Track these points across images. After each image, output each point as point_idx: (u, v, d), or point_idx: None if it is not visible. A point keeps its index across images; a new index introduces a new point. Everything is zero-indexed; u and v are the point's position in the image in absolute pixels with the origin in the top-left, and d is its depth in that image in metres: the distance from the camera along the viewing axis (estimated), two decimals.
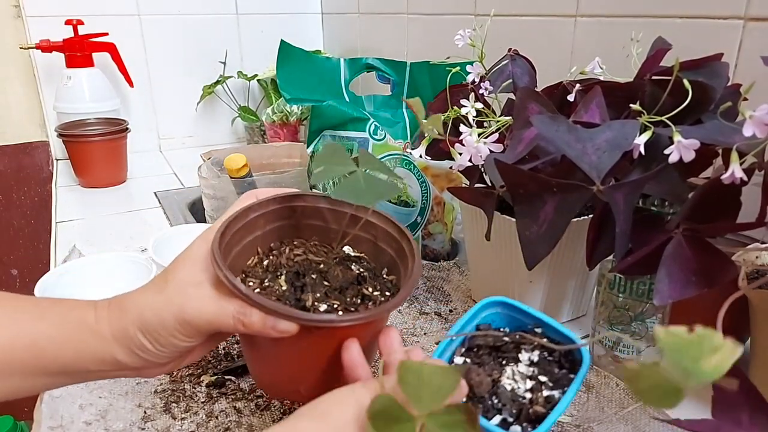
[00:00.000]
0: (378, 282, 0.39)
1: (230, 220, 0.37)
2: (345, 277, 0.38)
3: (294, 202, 0.41)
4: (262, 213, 0.40)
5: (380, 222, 0.41)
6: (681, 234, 0.43)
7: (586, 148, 0.44)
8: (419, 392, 0.27)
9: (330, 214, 0.42)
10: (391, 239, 0.41)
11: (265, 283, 0.37)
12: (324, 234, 0.42)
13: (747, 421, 0.34)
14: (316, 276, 0.37)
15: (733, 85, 0.49)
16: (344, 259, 0.41)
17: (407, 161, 0.82)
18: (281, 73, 0.82)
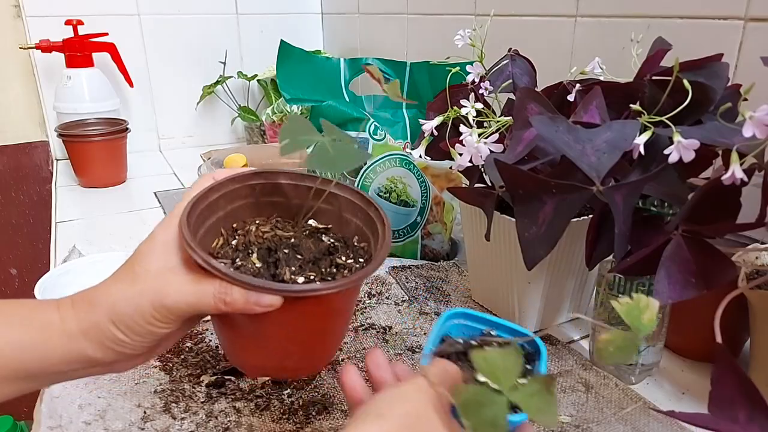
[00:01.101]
0: (350, 250, 0.40)
1: (193, 202, 0.37)
2: (317, 248, 0.38)
3: (253, 180, 0.41)
4: (222, 193, 0.40)
5: (342, 192, 0.41)
6: (680, 235, 0.43)
7: (586, 149, 0.43)
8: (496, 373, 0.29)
9: (291, 190, 0.42)
10: (355, 208, 0.41)
11: (237, 262, 0.36)
12: (285, 210, 0.42)
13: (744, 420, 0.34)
14: (288, 250, 0.37)
15: (733, 85, 0.49)
16: (313, 231, 0.41)
17: (407, 161, 0.82)
18: (281, 73, 0.82)
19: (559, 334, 0.64)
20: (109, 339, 0.35)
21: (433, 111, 0.62)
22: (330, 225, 0.42)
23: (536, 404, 0.29)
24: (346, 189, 0.41)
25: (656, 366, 0.56)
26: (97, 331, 0.35)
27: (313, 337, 0.37)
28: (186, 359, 0.58)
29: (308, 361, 0.37)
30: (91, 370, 0.37)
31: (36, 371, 0.35)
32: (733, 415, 0.33)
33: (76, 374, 0.37)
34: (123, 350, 0.36)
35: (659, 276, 0.43)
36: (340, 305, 0.36)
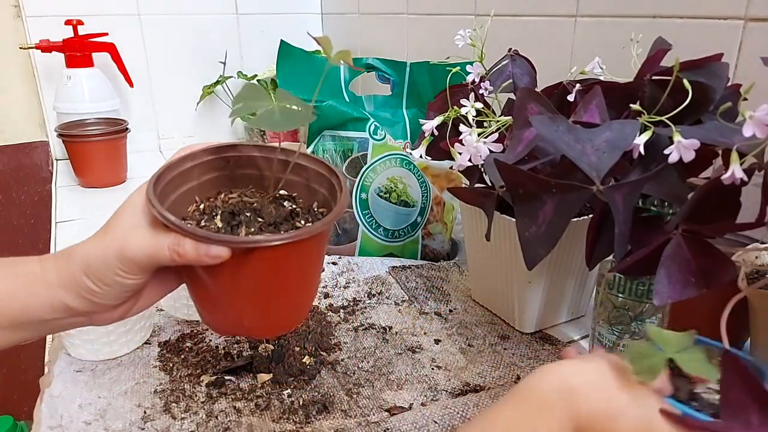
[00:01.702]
0: (311, 215, 0.41)
1: (165, 168, 0.40)
2: (278, 213, 0.40)
3: (227, 153, 0.43)
4: (197, 163, 0.42)
5: (311, 164, 0.43)
6: (680, 234, 0.43)
7: (586, 149, 0.43)
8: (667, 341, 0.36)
9: (263, 162, 0.44)
10: (322, 179, 0.43)
11: (201, 223, 0.39)
12: (259, 182, 0.44)
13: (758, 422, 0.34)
14: (251, 214, 0.39)
15: (733, 85, 0.49)
16: (276, 198, 0.42)
17: (407, 161, 0.82)
18: (281, 73, 0.82)
19: (559, 334, 0.64)
20: (83, 288, 0.38)
21: (433, 111, 0.62)
22: (295, 194, 0.44)
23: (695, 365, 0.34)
24: (313, 160, 0.43)
25: None
26: (72, 281, 0.38)
27: (265, 294, 0.38)
28: (186, 359, 0.58)
29: (264, 320, 0.40)
30: (73, 321, 0.41)
31: (22, 319, 0.39)
32: (746, 419, 0.33)
33: (60, 324, 0.41)
34: (97, 300, 0.39)
35: (659, 276, 0.43)
36: (290, 263, 0.37)
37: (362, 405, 0.53)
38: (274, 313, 0.40)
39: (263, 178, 0.44)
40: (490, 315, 0.68)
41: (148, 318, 0.61)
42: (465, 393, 0.54)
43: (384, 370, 0.58)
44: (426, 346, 0.62)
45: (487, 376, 0.57)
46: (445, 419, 0.50)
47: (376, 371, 0.58)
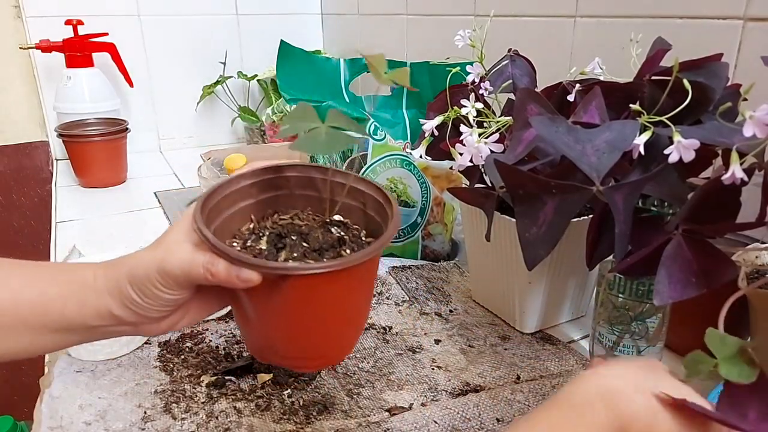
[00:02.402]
0: (356, 244, 0.40)
1: (219, 185, 0.39)
2: (324, 239, 0.38)
3: (286, 173, 0.42)
4: (254, 181, 0.41)
5: (369, 190, 0.42)
6: (681, 234, 0.43)
7: (586, 149, 0.43)
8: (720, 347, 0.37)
9: (322, 184, 0.43)
10: (377, 206, 0.41)
11: (247, 243, 0.38)
12: (318, 204, 0.43)
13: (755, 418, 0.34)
14: (296, 238, 0.38)
15: (733, 85, 0.49)
16: (327, 223, 0.41)
17: (407, 161, 0.82)
18: (281, 74, 0.82)
19: (560, 334, 0.64)
20: (127, 299, 0.39)
21: (433, 111, 0.62)
22: (347, 220, 0.42)
23: (735, 370, 0.36)
24: (370, 186, 0.42)
25: None
26: (117, 291, 0.39)
27: (298, 323, 0.37)
28: (186, 359, 0.59)
29: (298, 350, 0.38)
30: (120, 329, 0.41)
31: (72, 324, 0.40)
32: (743, 413, 0.34)
33: (108, 330, 0.41)
34: (139, 311, 0.39)
35: (659, 276, 0.43)
36: (325, 293, 0.35)
37: (363, 405, 0.53)
38: (310, 344, 0.39)
39: (322, 201, 0.43)
40: (491, 315, 0.68)
41: None
42: (465, 393, 0.54)
43: (384, 371, 0.58)
44: (426, 347, 0.62)
45: (487, 376, 0.57)
46: (446, 419, 0.50)
47: (376, 371, 0.58)
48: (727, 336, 0.37)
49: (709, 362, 0.36)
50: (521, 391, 0.54)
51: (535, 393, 0.54)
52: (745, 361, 0.36)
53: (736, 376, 0.35)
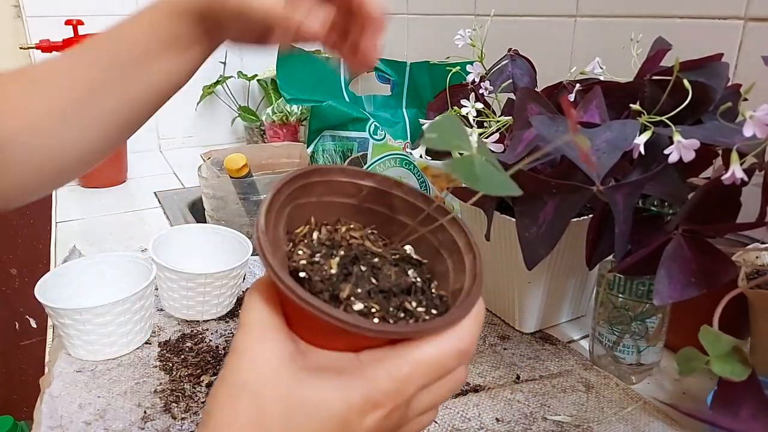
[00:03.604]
0: (425, 297, 0.33)
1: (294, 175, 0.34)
2: (397, 280, 0.32)
3: (362, 180, 0.36)
4: (324, 180, 0.36)
5: (451, 228, 0.35)
6: (681, 234, 0.43)
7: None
8: (713, 345, 0.38)
9: (400, 204, 0.36)
10: (454, 250, 0.35)
11: (315, 257, 0.32)
12: (386, 224, 0.37)
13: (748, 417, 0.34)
14: (367, 269, 0.33)
15: (733, 85, 0.49)
16: (403, 259, 0.35)
17: (407, 161, 0.82)
18: (281, 73, 0.82)
19: (560, 334, 0.64)
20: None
21: (433, 111, 0.62)
22: (425, 260, 0.36)
23: (728, 367, 0.37)
24: (457, 227, 0.35)
25: (656, 366, 0.56)
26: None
27: (322, 344, 0.32)
28: (186, 359, 0.58)
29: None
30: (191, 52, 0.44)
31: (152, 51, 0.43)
32: (736, 412, 0.34)
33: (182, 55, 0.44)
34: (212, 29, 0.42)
35: (659, 276, 0.43)
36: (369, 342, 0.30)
37: None
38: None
39: (392, 222, 0.37)
40: (490, 315, 0.68)
41: (148, 318, 0.61)
42: (465, 393, 0.54)
43: None
44: None
45: (487, 376, 0.57)
46: (446, 419, 0.50)
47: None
48: (721, 334, 0.37)
49: (702, 359, 0.37)
50: (521, 391, 0.54)
51: (535, 393, 0.54)
52: (738, 359, 0.36)
53: (729, 373, 0.36)
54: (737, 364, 0.36)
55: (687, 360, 0.38)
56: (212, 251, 0.71)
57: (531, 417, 0.51)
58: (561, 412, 0.51)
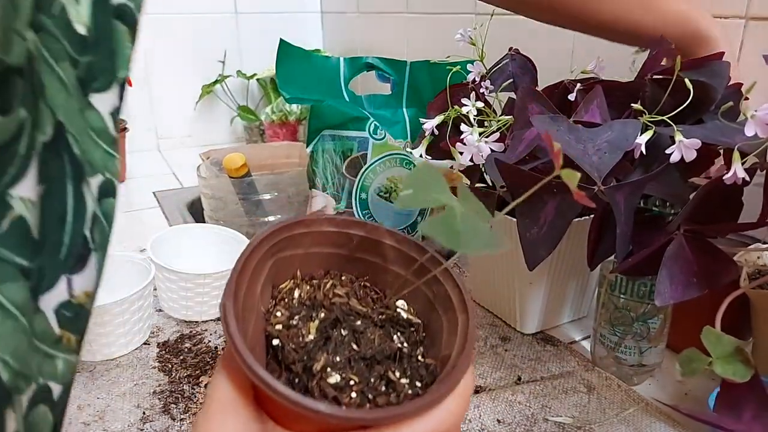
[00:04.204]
0: (411, 365, 0.30)
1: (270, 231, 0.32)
2: (380, 346, 0.30)
3: (351, 229, 0.34)
4: (311, 231, 0.34)
5: (445, 281, 0.33)
6: (682, 235, 0.43)
7: (587, 148, 0.43)
8: (715, 346, 0.38)
9: (393, 253, 0.34)
10: (449, 306, 0.32)
11: (293, 320, 0.30)
12: (379, 274, 0.35)
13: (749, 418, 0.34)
14: (348, 333, 0.30)
15: (734, 84, 0.49)
16: (390, 321, 0.32)
17: (407, 161, 0.82)
18: (280, 73, 0.82)
19: (561, 335, 0.64)
20: None
21: (433, 110, 0.62)
22: (419, 318, 0.33)
23: (731, 368, 0.37)
24: (451, 280, 0.32)
25: (658, 367, 0.56)
26: None
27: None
28: (185, 360, 0.58)
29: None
30: None
31: None
32: (738, 414, 0.34)
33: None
34: None
35: (661, 276, 0.42)
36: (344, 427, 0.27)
37: None
38: None
39: (384, 272, 0.35)
40: (491, 316, 0.68)
41: (146, 319, 0.61)
42: None
43: None
44: None
45: (488, 377, 0.57)
46: None
47: None
48: (723, 335, 0.37)
49: (704, 360, 0.36)
50: (522, 392, 0.54)
51: (536, 394, 0.54)
52: (740, 360, 0.36)
53: (731, 374, 0.35)
54: (740, 365, 0.36)
55: (689, 361, 0.37)
56: (211, 251, 0.71)
57: (532, 418, 0.50)
58: (562, 413, 0.51)
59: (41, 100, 0.24)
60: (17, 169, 0.22)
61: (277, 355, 0.28)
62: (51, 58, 0.24)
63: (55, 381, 0.25)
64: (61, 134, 0.25)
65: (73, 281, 0.26)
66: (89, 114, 0.27)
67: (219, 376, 0.27)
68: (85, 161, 0.26)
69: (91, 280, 0.27)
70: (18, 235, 0.23)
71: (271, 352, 0.28)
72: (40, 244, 0.24)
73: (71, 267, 0.26)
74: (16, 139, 0.22)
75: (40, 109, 0.23)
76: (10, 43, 0.21)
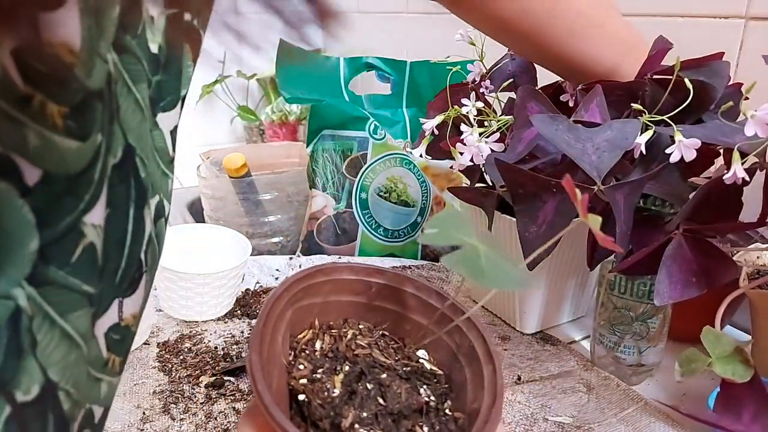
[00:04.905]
0: (438, 420, 0.29)
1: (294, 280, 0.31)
2: (407, 401, 0.29)
3: (371, 277, 0.34)
4: (330, 279, 0.33)
5: (469, 331, 0.32)
6: (681, 234, 0.43)
7: (587, 148, 0.43)
8: (715, 346, 0.39)
9: (413, 301, 0.34)
10: (473, 357, 0.31)
11: (317, 373, 0.29)
12: (399, 323, 0.34)
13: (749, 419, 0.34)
14: (374, 387, 0.29)
15: (735, 84, 0.49)
16: (415, 372, 0.31)
17: (407, 161, 0.82)
18: (280, 73, 0.82)
19: (560, 335, 0.64)
20: None
21: (433, 110, 0.62)
22: (442, 369, 0.32)
23: (730, 368, 0.38)
24: (473, 327, 0.32)
25: (657, 366, 0.56)
26: None
27: None
28: (185, 360, 0.58)
29: None
30: None
31: None
32: (738, 414, 0.34)
33: None
34: None
35: (660, 276, 0.42)
36: None
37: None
38: None
39: (404, 320, 0.34)
40: (491, 316, 0.68)
41: (146, 319, 0.61)
42: None
43: None
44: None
45: None
46: None
47: None
48: (723, 335, 0.37)
49: (704, 360, 0.36)
50: (522, 392, 0.54)
51: (536, 394, 0.54)
52: (740, 360, 0.36)
53: (731, 374, 0.35)
54: (739, 365, 0.36)
55: (689, 361, 0.37)
56: (211, 251, 0.71)
57: (532, 418, 0.50)
58: (562, 413, 0.51)
59: (116, 123, 0.23)
60: (91, 195, 0.21)
61: (302, 410, 0.27)
62: (130, 80, 0.23)
63: (98, 404, 0.25)
64: (131, 157, 0.24)
65: (124, 305, 0.25)
66: (155, 134, 0.26)
67: (245, 430, 0.26)
68: (149, 183, 0.25)
69: (139, 301, 0.26)
70: (88, 263, 0.22)
71: (295, 406, 0.28)
72: (102, 270, 0.23)
73: (125, 290, 0.25)
74: (93, 165, 0.21)
75: (114, 132, 0.22)
76: (93, 68, 0.20)
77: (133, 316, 0.26)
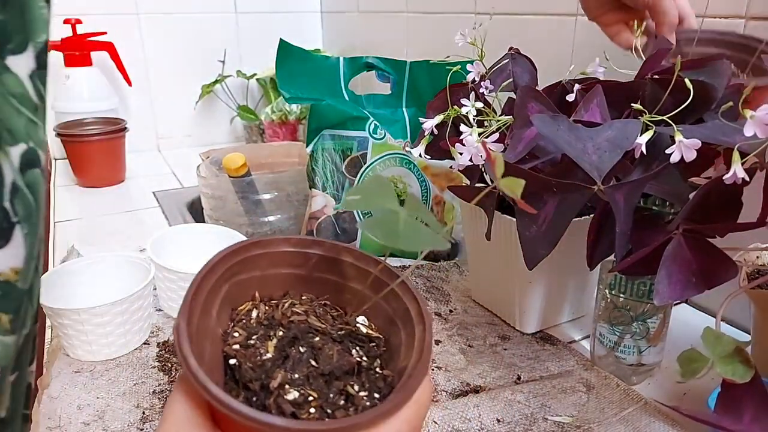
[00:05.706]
0: (368, 379, 0.30)
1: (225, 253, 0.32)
2: (339, 362, 0.30)
3: (310, 249, 0.34)
4: (267, 251, 0.33)
5: (404, 295, 0.32)
6: (681, 234, 0.43)
7: (587, 148, 0.43)
8: (715, 346, 0.38)
9: (352, 271, 0.34)
10: (407, 320, 0.32)
11: (251, 340, 0.30)
12: (339, 293, 0.35)
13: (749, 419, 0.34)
14: (306, 350, 0.30)
15: (735, 84, 0.49)
16: (350, 335, 0.32)
17: (407, 160, 0.82)
18: (280, 72, 0.82)
19: (560, 334, 0.64)
20: None
21: (433, 110, 0.62)
22: (377, 329, 0.33)
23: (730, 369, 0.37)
24: (408, 293, 0.32)
25: (657, 366, 0.56)
26: None
27: None
28: None
29: None
30: None
31: None
32: (738, 414, 0.33)
33: None
34: None
35: (660, 276, 0.42)
36: None
37: None
38: None
39: (344, 290, 0.35)
40: (490, 315, 0.68)
41: (146, 318, 0.61)
42: (465, 394, 0.54)
43: None
44: None
45: (487, 376, 0.57)
46: (445, 420, 0.50)
47: None
48: (723, 335, 0.37)
49: (704, 361, 0.36)
50: (521, 392, 0.54)
51: (536, 393, 0.54)
52: (740, 361, 0.36)
53: (731, 374, 0.35)
54: (740, 366, 0.36)
55: (689, 362, 0.37)
56: (211, 251, 0.71)
57: (531, 417, 0.50)
58: (561, 412, 0.51)
59: None
60: None
61: (235, 375, 0.28)
62: None
63: None
64: None
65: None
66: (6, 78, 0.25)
67: (175, 396, 0.26)
68: (3, 129, 0.24)
69: (19, 256, 0.25)
70: None
71: (229, 372, 0.28)
72: None
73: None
74: None
75: None
76: None
77: (13, 271, 0.25)
